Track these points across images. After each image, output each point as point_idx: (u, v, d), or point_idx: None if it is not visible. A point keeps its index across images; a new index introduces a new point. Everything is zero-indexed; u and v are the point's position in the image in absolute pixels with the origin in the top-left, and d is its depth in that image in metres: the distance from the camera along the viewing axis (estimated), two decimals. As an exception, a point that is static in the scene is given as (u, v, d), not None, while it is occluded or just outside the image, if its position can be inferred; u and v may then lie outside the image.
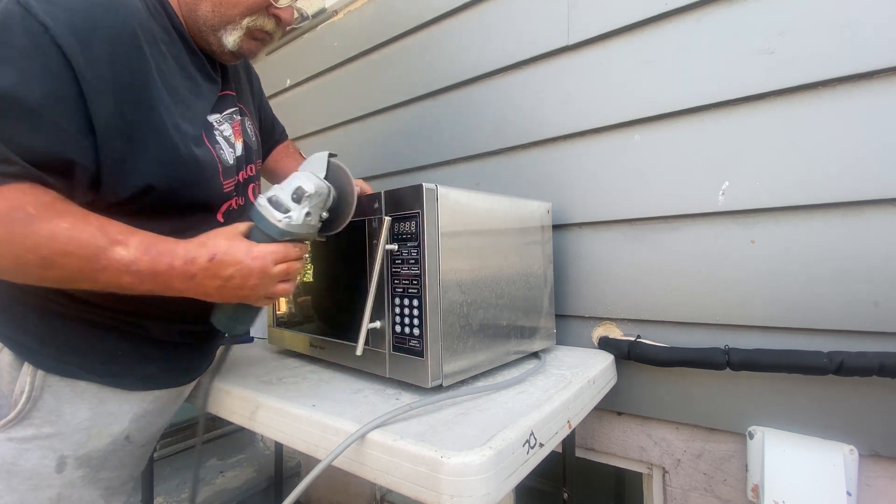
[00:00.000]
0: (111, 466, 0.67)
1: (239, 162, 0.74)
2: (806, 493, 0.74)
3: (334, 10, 1.47)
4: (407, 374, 0.68)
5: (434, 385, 0.66)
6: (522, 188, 1.06)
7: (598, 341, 0.96)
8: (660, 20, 0.88)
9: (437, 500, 0.48)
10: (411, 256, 0.66)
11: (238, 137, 0.75)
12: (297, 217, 0.61)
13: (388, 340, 0.70)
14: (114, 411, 0.65)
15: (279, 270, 0.61)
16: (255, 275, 0.59)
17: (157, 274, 0.56)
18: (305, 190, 0.60)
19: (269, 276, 0.60)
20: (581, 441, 1.02)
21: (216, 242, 0.59)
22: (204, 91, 0.69)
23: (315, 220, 0.63)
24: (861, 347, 0.72)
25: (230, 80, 0.77)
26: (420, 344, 0.65)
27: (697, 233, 0.86)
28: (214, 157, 0.68)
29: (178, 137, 0.61)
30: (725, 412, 0.84)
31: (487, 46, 1.11)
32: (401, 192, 0.68)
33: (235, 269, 0.58)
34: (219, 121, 0.71)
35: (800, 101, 0.76)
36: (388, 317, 0.70)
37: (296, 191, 0.61)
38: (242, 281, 0.59)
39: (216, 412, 0.80)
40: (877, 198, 0.71)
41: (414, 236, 0.65)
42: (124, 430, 0.67)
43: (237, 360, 0.98)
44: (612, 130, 0.94)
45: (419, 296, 0.65)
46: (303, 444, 0.63)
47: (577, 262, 0.99)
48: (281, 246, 0.61)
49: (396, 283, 0.68)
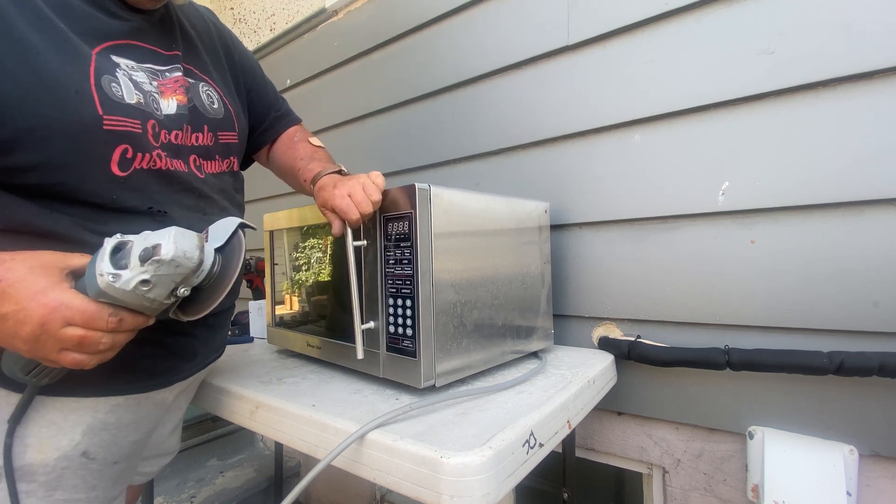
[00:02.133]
0: (70, 486, 0.58)
1: (171, 121, 0.62)
2: (806, 493, 0.74)
3: (334, 10, 1.47)
4: (400, 374, 0.68)
5: (427, 385, 0.66)
6: (523, 188, 1.06)
7: (598, 341, 0.96)
8: (660, 20, 0.88)
9: (436, 500, 0.48)
10: (405, 257, 0.66)
11: (171, 95, 0.64)
12: (127, 281, 0.46)
13: (382, 341, 0.70)
14: (56, 421, 0.56)
15: (69, 335, 0.45)
16: (32, 325, 0.44)
17: None
18: (159, 253, 0.46)
19: (50, 336, 0.45)
20: (581, 441, 1.02)
21: (12, 266, 0.45)
22: (100, 24, 0.58)
23: (160, 294, 0.48)
24: (861, 347, 0.72)
25: (178, 40, 0.69)
26: (413, 344, 0.65)
27: (697, 233, 0.86)
28: (90, 82, 0.53)
29: (27, 49, 0.49)
30: (725, 412, 0.84)
31: (487, 46, 1.11)
32: (394, 192, 0.67)
33: (12, 310, 0.44)
34: (131, 66, 0.60)
35: (800, 101, 0.76)
36: (381, 317, 0.70)
37: (148, 249, 0.46)
38: (15, 327, 0.44)
39: (216, 412, 0.80)
40: (877, 198, 0.71)
41: (407, 236, 0.65)
42: (78, 445, 0.57)
43: (237, 360, 0.98)
44: (613, 130, 0.94)
45: (412, 296, 0.65)
46: (302, 443, 0.63)
47: (577, 262, 0.99)
48: (91, 306, 0.46)
49: (390, 284, 0.68)
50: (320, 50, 1.52)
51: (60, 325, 0.45)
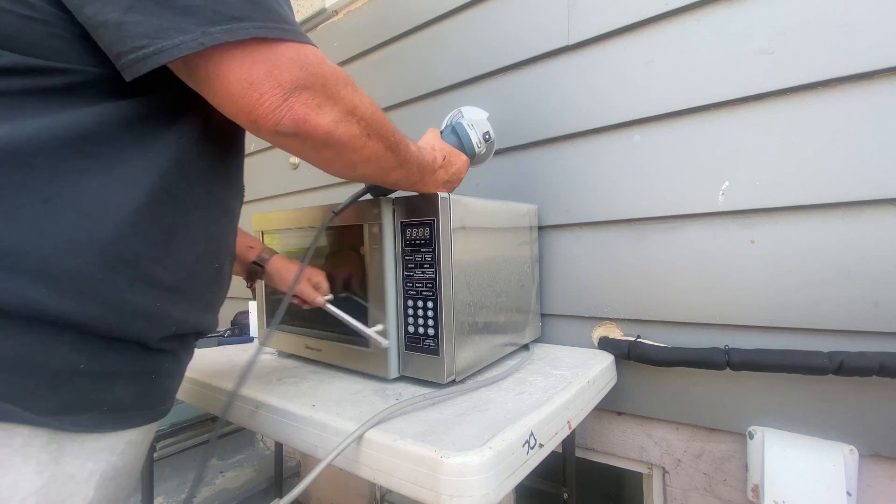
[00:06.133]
0: None
1: None
2: (806, 493, 0.74)
3: (334, 10, 1.47)
4: (421, 371, 0.72)
5: (449, 380, 0.70)
6: (522, 188, 1.06)
7: (598, 341, 0.96)
8: (660, 20, 0.88)
9: (436, 500, 0.48)
10: (426, 261, 0.69)
11: None
12: (481, 152, 0.82)
13: (401, 340, 0.74)
14: (74, 473, 0.41)
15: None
16: (464, 169, 0.76)
17: (423, 168, 0.64)
18: (492, 137, 0.83)
19: (464, 172, 0.76)
20: (581, 441, 1.02)
21: (437, 145, 0.72)
22: None
23: None
24: (861, 347, 0.72)
25: None
26: (435, 343, 0.69)
27: (697, 233, 0.86)
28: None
29: None
30: (725, 412, 0.84)
31: (488, 46, 1.11)
32: (415, 199, 0.71)
33: (457, 167, 0.73)
34: None
35: (800, 101, 0.76)
36: (400, 318, 0.74)
37: (486, 133, 0.82)
38: (458, 172, 0.74)
39: (216, 412, 0.80)
40: (876, 198, 0.71)
41: (428, 241, 0.69)
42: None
43: (237, 360, 0.98)
44: (612, 130, 0.94)
45: (434, 297, 0.69)
46: (302, 443, 0.63)
47: (576, 261, 0.99)
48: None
49: (409, 286, 0.72)
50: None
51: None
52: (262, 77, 0.41)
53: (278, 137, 0.45)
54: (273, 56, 0.41)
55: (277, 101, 0.42)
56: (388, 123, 0.55)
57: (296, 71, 0.43)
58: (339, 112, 0.47)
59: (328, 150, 0.49)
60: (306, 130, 0.45)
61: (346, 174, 0.58)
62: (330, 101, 0.46)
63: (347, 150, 0.50)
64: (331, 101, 0.46)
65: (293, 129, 0.44)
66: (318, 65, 0.45)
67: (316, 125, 0.45)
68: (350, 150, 0.50)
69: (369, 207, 0.74)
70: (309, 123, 0.45)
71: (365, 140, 0.51)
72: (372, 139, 0.52)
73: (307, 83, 0.43)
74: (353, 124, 0.48)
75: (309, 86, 0.44)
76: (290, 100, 0.43)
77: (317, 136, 0.46)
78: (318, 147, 0.48)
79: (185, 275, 0.48)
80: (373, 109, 0.51)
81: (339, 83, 0.47)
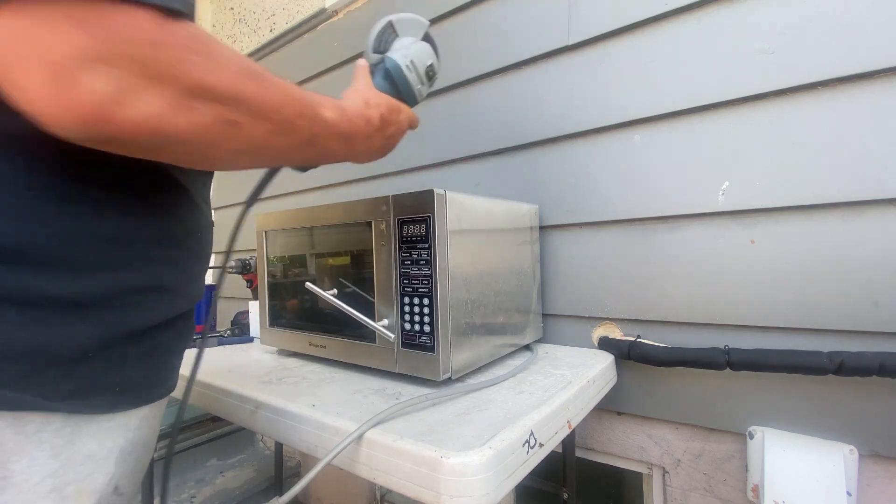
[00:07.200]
0: None
1: None
2: (806, 493, 0.74)
3: (334, 10, 1.47)
4: (417, 368, 0.72)
5: (444, 378, 0.70)
6: (522, 188, 1.06)
7: (598, 341, 0.96)
8: (660, 20, 0.88)
9: (436, 500, 0.48)
10: (421, 258, 0.69)
11: None
12: (424, 93, 0.66)
13: (398, 337, 0.73)
14: (93, 452, 0.41)
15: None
16: (405, 125, 0.63)
17: (349, 137, 0.51)
18: (436, 71, 0.66)
19: (405, 128, 0.63)
20: (581, 441, 1.02)
21: (373, 98, 0.56)
22: None
23: None
24: (861, 347, 0.72)
25: None
26: (431, 340, 0.69)
27: (697, 233, 0.86)
28: None
29: None
30: (725, 412, 0.84)
31: (487, 46, 1.11)
32: (410, 197, 0.71)
33: (397, 127, 0.60)
34: None
35: (800, 101, 0.76)
36: (397, 315, 0.73)
37: (430, 68, 0.64)
38: (398, 133, 0.61)
39: (216, 412, 0.80)
40: (877, 198, 0.71)
41: (424, 238, 0.69)
42: (112, 479, 0.43)
43: (237, 360, 0.98)
44: (613, 130, 0.94)
45: (430, 294, 0.69)
46: (302, 443, 0.63)
47: (576, 261, 0.99)
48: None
49: (405, 283, 0.72)
50: (320, 50, 1.52)
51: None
52: (13, 44, 0.27)
53: (85, 143, 0.31)
54: (37, 11, 0.27)
55: (43, 84, 0.28)
56: (278, 93, 0.40)
57: (77, 36, 0.27)
58: (171, 95, 0.32)
59: (173, 149, 0.35)
60: (110, 131, 0.30)
61: (227, 168, 0.43)
62: (153, 81, 0.31)
63: (203, 146, 0.36)
64: (155, 80, 0.31)
65: (84, 132, 0.30)
66: (134, 28, 0.29)
67: (123, 120, 0.30)
68: (208, 145, 0.36)
69: (378, 205, 0.74)
70: (110, 119, 0.30)
71: (230, 127, 0.36)
72: (248, 122, 0.37)
73: (103, 55, 0.28)
74: (202, 108, 0.34)
75: (107, 59, 0.28)
76: (64, 82, 0.28)
77: (135, 136, 0.31)
78: (155, 148, 0.34)
79: (177, 251, 0.47)
80: (245, 81, 0.36)
81: (182, 50, 0.32)
